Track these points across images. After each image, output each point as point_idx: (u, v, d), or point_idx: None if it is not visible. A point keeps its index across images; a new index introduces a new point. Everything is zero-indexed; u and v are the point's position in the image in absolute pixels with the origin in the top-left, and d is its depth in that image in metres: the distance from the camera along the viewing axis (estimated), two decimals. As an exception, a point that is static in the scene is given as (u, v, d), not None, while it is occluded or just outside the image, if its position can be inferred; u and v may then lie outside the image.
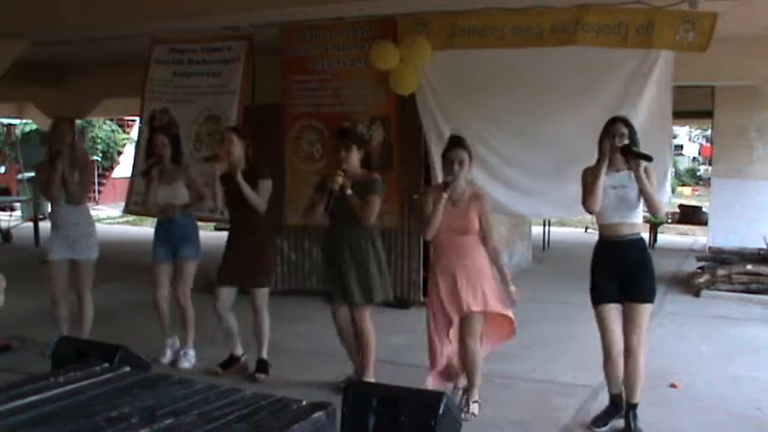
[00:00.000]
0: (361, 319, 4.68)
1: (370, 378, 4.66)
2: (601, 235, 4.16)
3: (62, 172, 5.21)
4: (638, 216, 4.10)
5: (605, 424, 4.19)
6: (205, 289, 6.20)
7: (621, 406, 4.21)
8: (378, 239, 4.75)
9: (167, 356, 5.38)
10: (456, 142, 4.41)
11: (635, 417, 4.11)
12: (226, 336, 5.17)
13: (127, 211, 7.16)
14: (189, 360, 5.33)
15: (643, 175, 3.92)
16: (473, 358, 4.39)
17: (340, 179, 4.47)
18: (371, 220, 4.61)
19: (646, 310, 4.04)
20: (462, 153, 4.31)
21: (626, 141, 4.00)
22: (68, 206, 5.34)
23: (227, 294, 5.06)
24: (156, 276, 5.38)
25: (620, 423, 4.19)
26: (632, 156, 3.96)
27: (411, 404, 2.70)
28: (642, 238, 4.18)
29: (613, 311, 4.08)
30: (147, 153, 6.10)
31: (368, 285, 4.63)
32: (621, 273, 4.03)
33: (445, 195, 4.23)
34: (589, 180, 4.06)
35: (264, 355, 5.09)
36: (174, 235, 5.31)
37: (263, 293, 5.05)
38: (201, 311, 5.50)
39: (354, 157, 4.63)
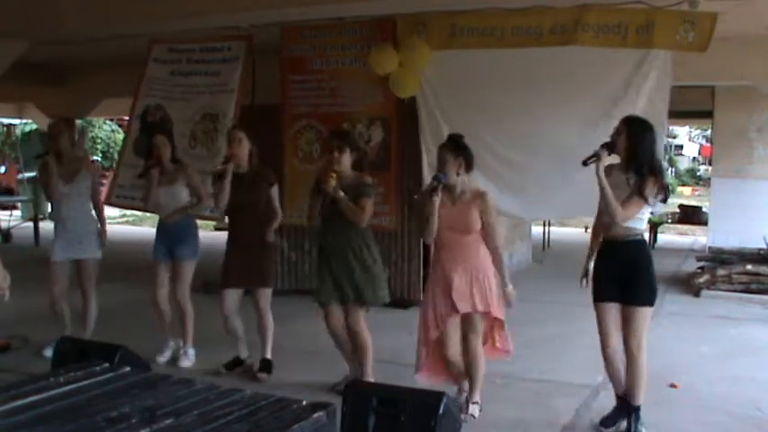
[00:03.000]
0: (356, 321, 4.66)
1: (370, 379, 4.66)
2: (604, 235, 4.14)
3: (53, 171, 5.23)
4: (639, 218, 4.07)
5: (614, 424, 4.17)
6: (204, 289, 6.22)
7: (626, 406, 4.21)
8: (372, 241, 4.73)
9: (165, 356, 5.38)
10: (447, 142, 4.40)
11: (636, 419, 4.10)
12: (232, 338, 5.17)
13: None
14: (189, 359, 5.34)
15: (602, 175, 3.86)
16: (475, 358, 4.37)
17: (333, 182, 4.45)
18: (364, 224, 4.60)
19: (644, 312, 4.00)
20: (443, 153, 4.28)
21: (615, 138, 3.96)
22: (70, 205, 5.34)
23: (232, 296, 5.05)
24: (155, 275, 5.38)
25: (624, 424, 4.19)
26: (610, 149, 3.92)
27: (411, 404, 2.71)
28: (641, 240, 4.11)
29: (611, 311, 4.06)
30: (144, 152, 6.08)
31: (361, 288, 4.60)
32: (620, 274, 4.02)
33: (436, 200, 4.19)
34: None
35: (269, 355, 5.09)
36: (172, 234, 5.31)
37: (266, 294, 5.05)
38: (201, 311, 5.50)
39: (347, 159, 4.60)
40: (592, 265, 4.17)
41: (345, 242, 4.60)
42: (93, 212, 5.52)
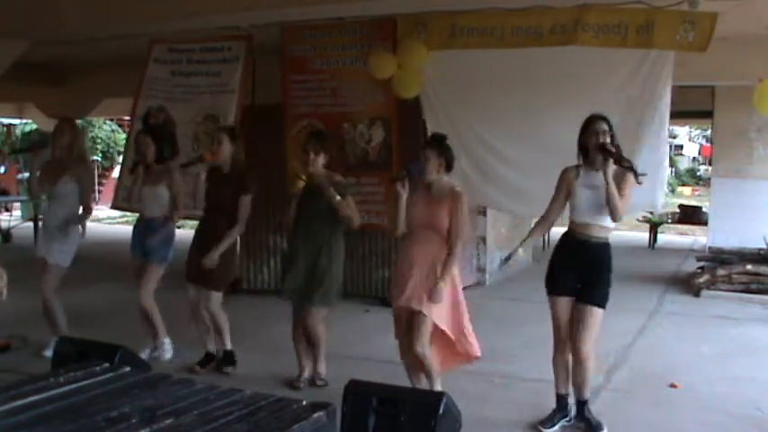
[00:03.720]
0: (316, 322, 4.74)
1: (323, 370, 4.84)
2: (570, 230, 4.15)
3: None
4: (609, 219, 4.03)
5: (553, 425, 4.20)
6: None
7: (568, 405, 4.24)
8: (340, 243, 4.78)
9: (146, 353, 5.33)
10: (428, 140, 4.44)
11: (589, 410, 4.17)
12: (199, 332, 5.18)
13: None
14: (166, 350, 5.35)
15: (609, 174, 3.88)
16: (426, 365, 4.29)
17: (301, 183, 4.57)
18: (357, 222, 4.68)
19: (596, 314, 4.02)
20: (427, 150, 4.28)
21: (606, 139, 3.98)
22: (52, 208, 5.37)
23: (193, 289, 5.10)
24: (134, 274, 5.42)
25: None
26: (606, 154, 3.92)
27: (411, 404, 2.70)
28: (608, 244, 4.11)
29: (566, 305, 4.09)
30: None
31: (314, 289, 4.67)
32: (579, 272, 4.05)
33: (400, 190, 4.19)
34: (558, 187, 4.13)
35: (229, 346, 5.13)
36: (146, 235, 5.32)
37: (215, 297, 5.05)
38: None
39: (320, 161, 4.68)
40: (520, 251, 4.20)
41: (314, 243, 4.68)
42: (75, 220, 5.45)
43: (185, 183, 5.42)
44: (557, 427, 4.19)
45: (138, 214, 5.62)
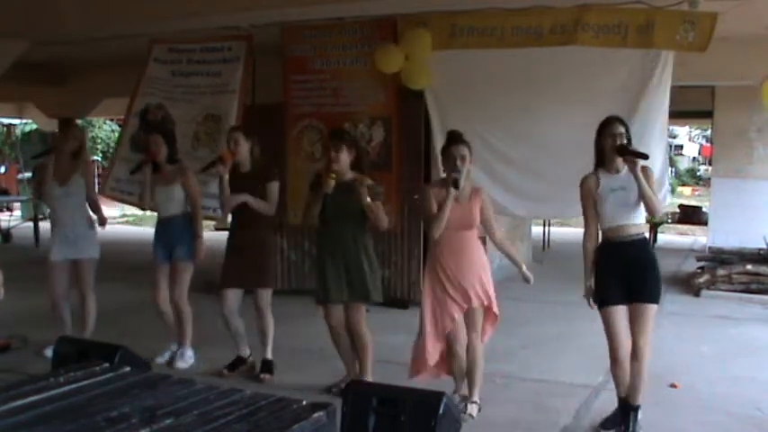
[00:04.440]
0: (358, 321, 4.66)
1: (369, 379, 4.66)
2: (605, 238, 4.10)
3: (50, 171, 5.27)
4: (641, 216, 4.06)
5: (614, 426, 4.15)
6: (205, 289, 6.21)
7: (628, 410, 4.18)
8: (370, 241, 4.73)
9: (164, 357, 5.36)
10: (456, 138, 4.40)
11: (635, 419, 4.09)
12: (233, 337, 5.17)
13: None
14: (185, 360, 5.30)
15: (641, 175, 3.89)
16: (476, 357, 4.39)
17: (332, 182, 4.45)
18: (386, 224, 4.63)
19: (653, 310, 4.01)
20: (464, 149, 4.31)
21: (623, 140, 3.99)
22: (65, 206, 5.34)
23: (232, 296, 5.05)
24: (156, 278, 5.37)
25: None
26: (629, 155, 3.94)
27: (411, 404, 2.70)
28: (646, 238, 4.16)
29: (621, 313, 4.03)
30: (142, 148, 6.10)
31: (363, 286, 4.60)
32: (628, 274, 4.00)
33: (454, 192, 4.21)
34: (586, 201, 4.09)
35: (269, 356, 5.09)
36: (170, 235, 5.29)
37: (266, 294, 5.04)
38: (202, 312, 5.49)
39: (345, 158, 4.58)
40: (592, 282, 4.12)
41: (346, 241, 4.59)
42: (90, 213, 5.50)
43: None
44: (614, 431, 4.13)
45: (128, 210, 5.63)
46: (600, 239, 4.12)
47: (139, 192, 5.48)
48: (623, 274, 4.01)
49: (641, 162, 3.93)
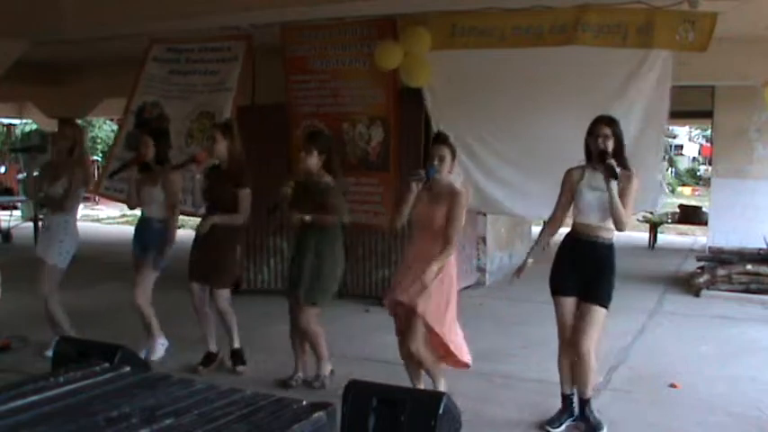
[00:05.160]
0: (307, 320, 4.75)
1: (328, 368, 4.82)
2: (573, 230, 4.16)
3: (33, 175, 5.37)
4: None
5: (561, 424, 4.21)
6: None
7: (573, 405, 4.25)
8: (338, 241, 4.79)
9: (144, 354, 5.30)
10: (438, 139, 4.43)
11: (591, 410, 4.17)
12: (202, 332, 5.18)
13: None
14: (157, 351, 5.33)
15: (613, 188, 3.87)
16: (424, 364, 4.33)
17: (289, 190, 4.63)
18: (343, 219, 4.74)
19: (599, 313, 4.03)
20: (443, 149, 4.29)
21: (609, 144, 3.98)
22: (50, 210, 5.39)
23: (198, 289, 5.10)
24: (134, 277, 5.42)
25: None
26: (604, 166, 3.92)
27: (411, 404, 2.70)
28: (611, 245, 4.12)
29: (571, 305, 4.11)
30: (132, 146, 6.11)
31: (313, 286, 4.70)
32: (584, 272, 4.05)
33: (414, 186, 4.20)
34: (563, 188, 4.14)
35: (237, 344, 5.13)
36: (146, 235, 5.32)
37: (223, 295, 5.06)
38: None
39: (313, 160, 4.69)
40: (530, 260, 4.22)
41: (309, 240, 4.72)
42: (69, 220, 5.44)
43: (185, 181, 5.42)
44: (563, 427, 4.19)
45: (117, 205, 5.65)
46: (568, 230, 4.19)
47: (128, 190, 5.48)
48: (580, 270, 4.07)
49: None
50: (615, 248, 4.14)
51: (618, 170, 3.87)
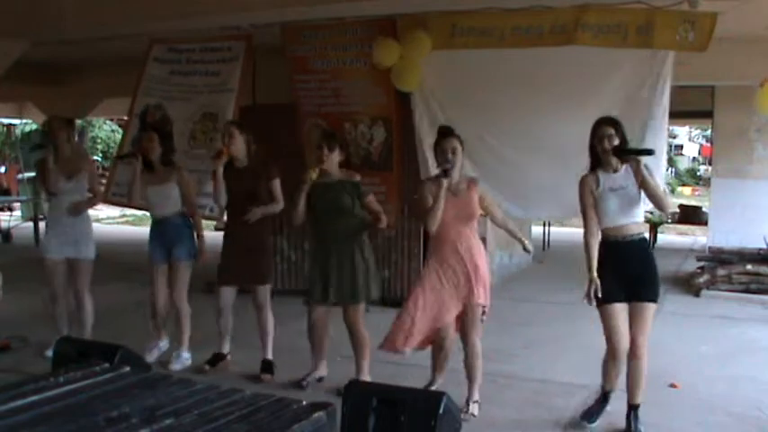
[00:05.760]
0: (355, 320, 4.70)
1: (367, 377, 4.68)
2: (606, 237, 4.11)
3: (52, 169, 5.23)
4: (640, 215, 4.10)
5: (595, 420, 4.21)
6: (206, 289, 6.21)
7: (608, 401, 4.25)
8: (366, 238, 4.77)
9: (153, 356, 5.33)
10: (447, 132, 4.46)
11: (636, 418, 4.11)
12: (220, 333, 5.17)
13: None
14: (181, 362, 5.27)
15: (644, 170, 3.91)
16: (476, 356, 4.40)
17: (314, 174, 4.54)
18: (386, 222, 4.71)
19: (652, 309, 4.06)
20: (455, 141, 4.34)
21: (615, 142, 4.00)
22: (60, 205, 5.32)
23: (228, 293, 5.07)
24: (153, 278, 5.35)
25: (619, 421, 4.19)
26: (628, 154, 3.95)
27: (411, 404, 2.70)
28: (646, 238, 4.19)
29: (621, 312, 4.06)
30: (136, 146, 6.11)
31: (357, 284, 4.65)
32: (628, 273, 4.02)
33: (445, 183, 4.23)
34: (585, 199, 4.11)
35: (270, 356, 5.09)
36: (167, 235, 5.28)
37: (265, 291, 5.05)
38: (202, 312, 5.49)
39: (335, 158, 4.67)
40: (596, 275, 4.07)
41: (340, 238, 4.65)
42: (88, 215, 5.48)
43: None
44: (598, 421, 4.20)
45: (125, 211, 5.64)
46: (600, 237, 4.13)
47: (128, 188, 5.47)
48: (623, 272, 4.03)
49: (643, 158, 3.95)
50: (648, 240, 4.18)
51: (634, 148, 3.98)
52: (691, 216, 14.92)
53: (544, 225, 12.15)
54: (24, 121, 16.02)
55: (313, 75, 6.85)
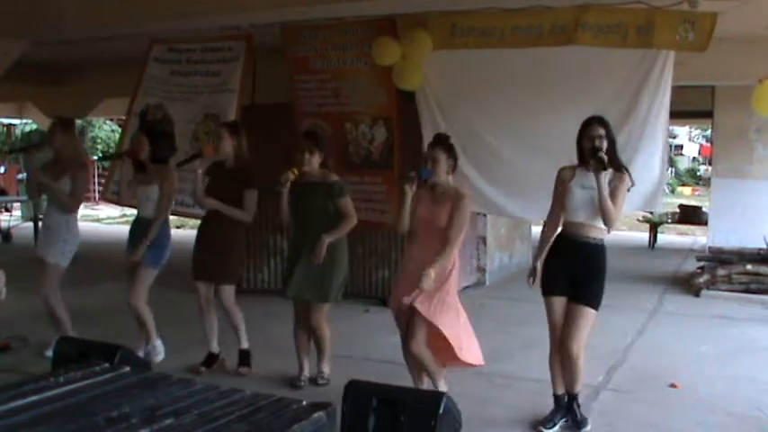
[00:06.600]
0: (318, 320, 4.76)
1: (327, 369, 4.85)
2: (564, 230, 4.17)
3: (38, 174, 5.28)
4: (606, 223, 4.04)
5: (554, 424, 4.21)
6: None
7: (564, 404, 4.26)
8: (342, 241, 4.79)
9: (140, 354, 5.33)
10: (436, 140, 4.43)
11: (578, 405, 4.19)
12: (204, 332, 5.17)
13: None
14: (158, 351, 5.31)
15: (603, 182, 3.90)
16: (425, 365, 4.32)
17: (291, 176, 4.60)
18: (354, 222, 4.74)
19: (589, 314, 4.03)
20: (437, 151, 4.30)
21: (605, 144, 4.01)
22: (50, 208, 5.37)
23: (204, 289, 5.10)
24: (129, 273, 5.38)
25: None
26: (594, 159, 3.94)
27: (411, 404, 2.70)
28: (602, 245, 4.11)
29: (561, 305, 4.11)
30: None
31: (322, 285, 4.71)
32: (574, 271, 4.05)
33: (407, 189, 4.21)
34: (555, 189, 4.16)
35: (245, 345, 5.11)
36: (138, 236, 5.29)
37: (228, 291, 5.05)
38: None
39: (316, 160, 4.71)
40: (540, 263, 4.23)
41: (312, 238, 4.69)
42: (70, 220, 5.41)
43: (183, 181, 5.41)
44: (557, 427, 4.19)
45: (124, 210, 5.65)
46: (559, 230, 4.20)
47: (119, 189, 5.49)
48: (569, 270, 4.07)
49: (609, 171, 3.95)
50: (606, 249, 4.13)
51: (606, 160, 3.90)
52: (691, 216, 14.93)
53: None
54: (24, 121, 16.02)
55: (313, 75, 6.85)
